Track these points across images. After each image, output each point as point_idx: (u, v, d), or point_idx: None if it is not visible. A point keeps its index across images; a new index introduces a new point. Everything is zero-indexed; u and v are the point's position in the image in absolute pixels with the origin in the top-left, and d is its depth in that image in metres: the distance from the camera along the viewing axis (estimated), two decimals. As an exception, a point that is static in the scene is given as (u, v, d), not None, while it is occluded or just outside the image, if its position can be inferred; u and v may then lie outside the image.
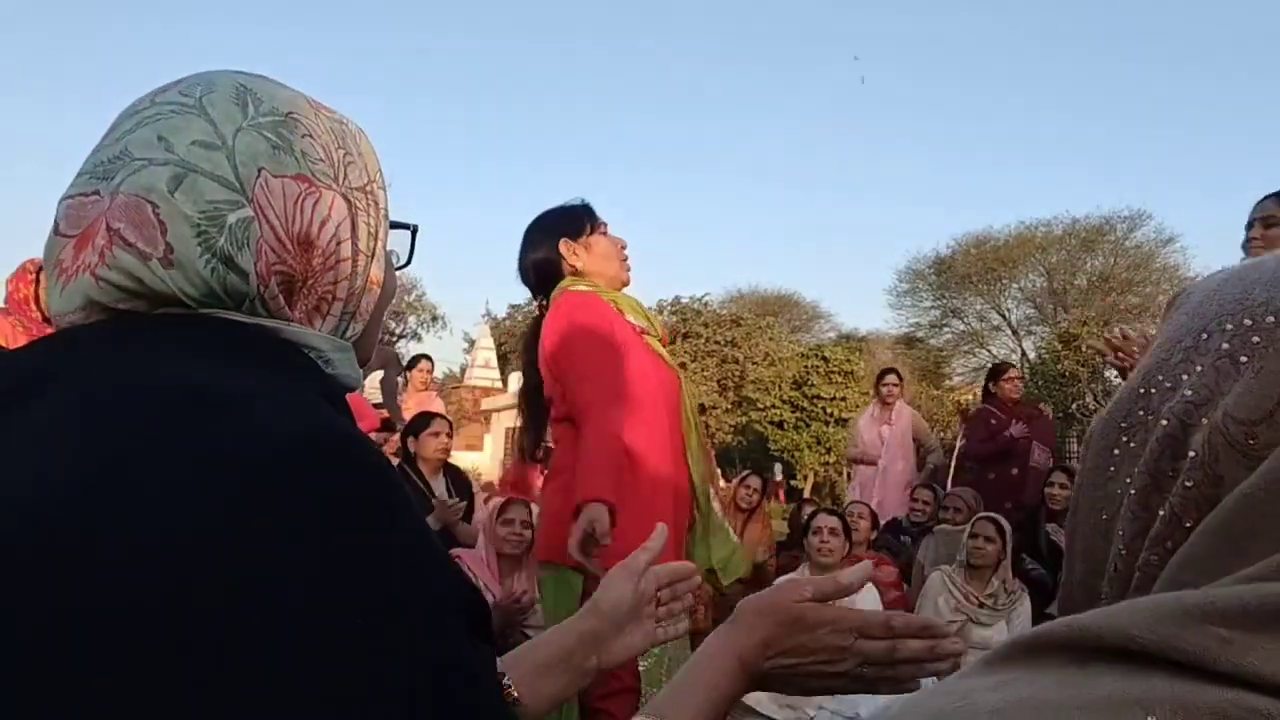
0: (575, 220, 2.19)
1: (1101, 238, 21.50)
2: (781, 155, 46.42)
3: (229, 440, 0.46)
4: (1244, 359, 0.35)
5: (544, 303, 2.21)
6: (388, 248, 0.69)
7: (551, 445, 2.23)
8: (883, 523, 5.21)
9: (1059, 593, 0.44)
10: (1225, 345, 0.36)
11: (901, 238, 55.39)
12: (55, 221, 0.57)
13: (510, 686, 0.78)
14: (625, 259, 2.22)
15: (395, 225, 0.70)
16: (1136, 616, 0.30)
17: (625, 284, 2.22)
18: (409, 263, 0.75)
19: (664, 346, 2.23)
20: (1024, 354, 22.22)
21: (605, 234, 2.20)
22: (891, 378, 5.94)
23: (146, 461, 0.45)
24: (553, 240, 2.17)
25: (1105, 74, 39.03)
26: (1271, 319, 0.35)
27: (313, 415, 0.51)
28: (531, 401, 2.22)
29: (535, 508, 3.97)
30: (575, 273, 2.17)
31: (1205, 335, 0.38)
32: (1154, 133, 39.39)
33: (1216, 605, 0.28)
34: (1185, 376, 0.37)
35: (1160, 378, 0.39)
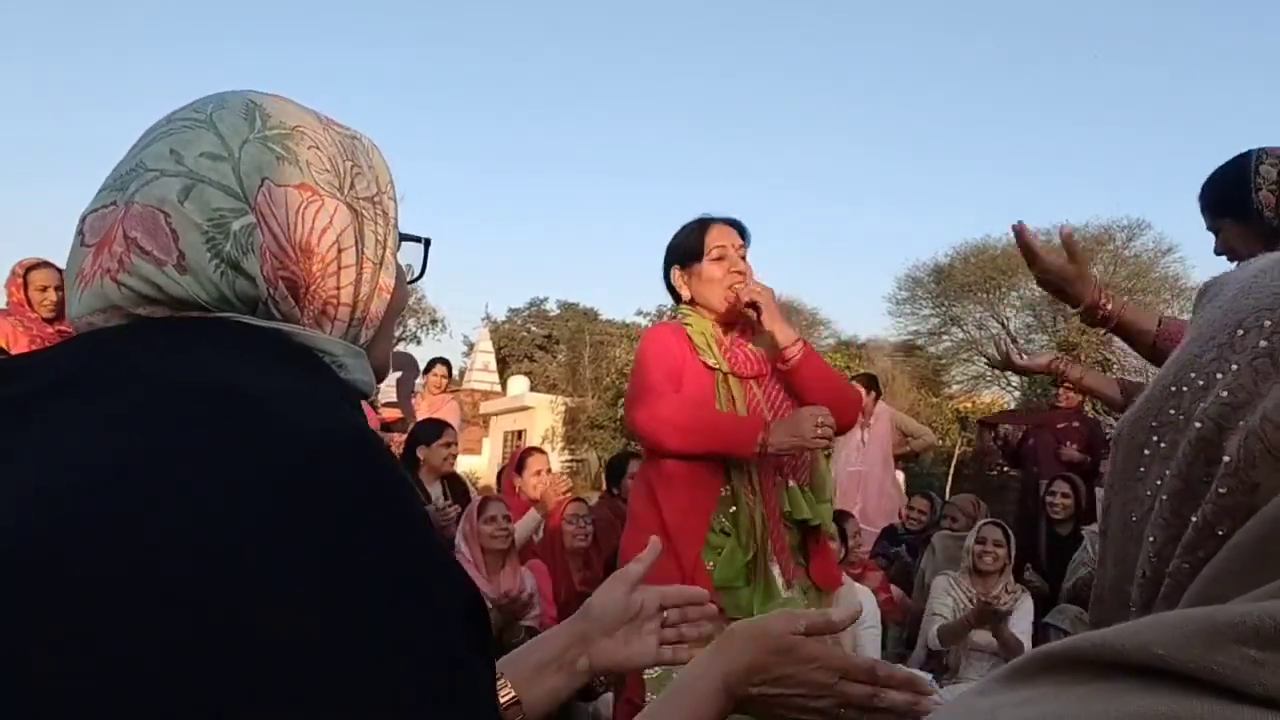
0: (686, 250, 2.10)
1: (1100, 247, 21.47)
2: (780, 161, 46.59)
3: (263, 436, 0.48)
4: None
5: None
6: (403, 261, 0.70)
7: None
8: (876, 531, 5.20)
9: (1091, 595, 0.42)
10: (1264, 343, 0.34)
11: (901, 245, 55.59)
12: (80, 234, 0.59)
13: (508, 686, 0.81)
14: (730, 286, 2.04)
15: (408, 238, 0.72)
16: (1164, 634, 0.29)
17: (723, 312, 2.08)
18: (421, 275, 0.77)
19: (761, 380, 2.07)
20: (1023, 363, 22.17)
21: (719, 258, 2.05)
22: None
23: (183, 456, 0.46)
24: (667, 269, 2.15)
25: (1104, 82, 39.21)
26: None
27: (335, 415, 0.52)
28: None
29: (537, 514, 3.97)
30: (688, 301, 2.12)
31: (1242, 331, 0.35)
32: (1153, 142, 39.58)
33: (1248, 624, 0.27)
34: (1220, 375, 0.35)
35: (1193, 375, 0.36)
